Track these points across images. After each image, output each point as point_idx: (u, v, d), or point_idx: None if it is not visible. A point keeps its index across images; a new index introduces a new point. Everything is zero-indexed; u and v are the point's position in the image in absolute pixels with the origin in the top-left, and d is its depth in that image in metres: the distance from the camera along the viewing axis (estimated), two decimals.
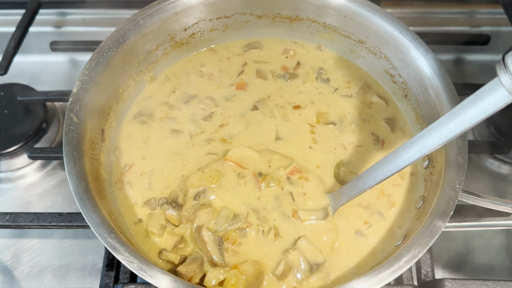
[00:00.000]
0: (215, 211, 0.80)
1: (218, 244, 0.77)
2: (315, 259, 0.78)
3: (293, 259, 0.77)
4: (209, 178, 0.83)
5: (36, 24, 1.27)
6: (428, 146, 0.65)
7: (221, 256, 0.76)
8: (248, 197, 0.83)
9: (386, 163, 0.72)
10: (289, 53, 1.07)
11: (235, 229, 0.79)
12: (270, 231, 0.79)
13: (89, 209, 0.72)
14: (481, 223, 0.79)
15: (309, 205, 0.83)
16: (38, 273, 0.96)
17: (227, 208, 0.81)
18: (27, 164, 1.10)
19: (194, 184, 0.83)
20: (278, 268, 0.77)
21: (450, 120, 0.62)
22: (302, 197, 0.84)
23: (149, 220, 0.84)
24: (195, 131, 0.94)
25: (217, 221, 0.79)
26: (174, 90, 1.01)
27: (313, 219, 0.81)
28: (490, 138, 1.11)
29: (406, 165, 0.69)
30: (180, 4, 0.97)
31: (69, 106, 0.82)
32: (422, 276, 0.88)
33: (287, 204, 0.83)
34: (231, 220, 0.80)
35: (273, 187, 0.84)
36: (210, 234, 0.77)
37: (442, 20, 1.39)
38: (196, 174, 0.84)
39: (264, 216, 0.81)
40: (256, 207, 0.82)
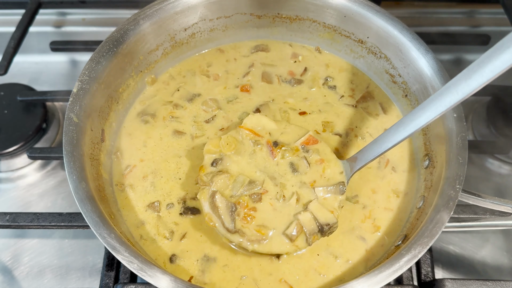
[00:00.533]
0: (231, 177, 0.81)
1: (230, 209, 0.78)
2: (326, 220, 0.78)
3: (304, 219, 0.77)
4: (226, 145, 0.83)
5: (36, 24, 1.27)
6: (447, 103, 0.65)
7: (232, 222, 0.77)
8: (265, 165, 0.83)
9: (404, 124, 0.72)
10: (297, 58, 1.07)
11: (250, 195, 0.79)
12: (293, 196, 0.80)
13: (89, 209, 0.72)
14: (481, 223, 0.79)
15: (326, 173, 0.83)
16: (38, 273, 0.96)
17: (243, 174, 0.81)
18: (27, 164, 1.10)
19: (211, 150, 0.84)
20: (289, 228, 0.77)
21: (469, 76, 0.62)
22: (318, 164, 0.84)
23: (159, 223, 0.84)
24: (196, 134, 0.94)
25: (233, 186, 0.80)
26: (178, 88, 1.01)
27: (330, 189, 0.81)
28: (490, 138, 1.11)
29: (424, 124, 0.69)
30: (180, 4, 0.97)
31: (69, 106, 0.82)
32: (422, 276, 0.88)
33: (303, 171, 0.83)
34: (246, 185, 0.80)
35: (288, 157, 0.83)
36: (223, 199, 0.78)
37: (442, 20, 1.39)
38: (213, 141, 0.84)
39: (282, 183, 0.81)
40: (273, 174, 0.82)
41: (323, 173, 0.83)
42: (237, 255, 0.81)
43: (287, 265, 0.80)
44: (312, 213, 0.78)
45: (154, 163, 0.91)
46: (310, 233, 0.77)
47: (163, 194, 0.87)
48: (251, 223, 0.78)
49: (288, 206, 0.79)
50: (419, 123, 0.70)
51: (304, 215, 0.78)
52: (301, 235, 0.77)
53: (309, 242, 0.77)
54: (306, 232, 0.77)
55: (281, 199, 0.80)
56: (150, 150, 0.92)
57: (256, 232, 0.77)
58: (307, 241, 0.77)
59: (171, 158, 0.91)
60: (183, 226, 0.84)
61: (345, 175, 0.83)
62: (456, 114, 0.82)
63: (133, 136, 0.95)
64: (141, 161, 0.91)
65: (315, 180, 0.82)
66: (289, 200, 0.80)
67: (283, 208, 0.79)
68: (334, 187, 0.81)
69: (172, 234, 0.83)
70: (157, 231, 0.83)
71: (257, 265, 0.80)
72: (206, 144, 0.84)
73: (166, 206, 0.86)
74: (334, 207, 0.80)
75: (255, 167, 0.83)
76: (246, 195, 0.79)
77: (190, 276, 0.79)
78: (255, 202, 0.79)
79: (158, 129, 0.95)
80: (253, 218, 0.78)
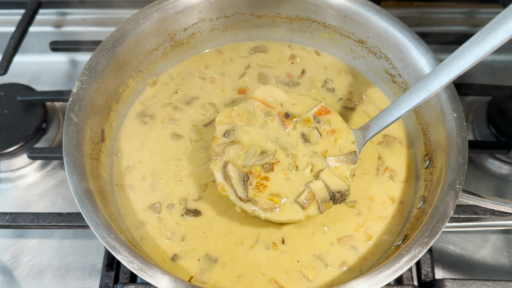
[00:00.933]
0: (243, 147, 0.81)
1: (242, 179, 0.78)
2: (338, 187, 0.78)
3: (316, 188, 0.78)
4: (238, 116, 0.84)
5: (36, 24, 1.27)
6: (460, 67, 0.65)
7: (244, 191, 0.78)
8: (276, 135, 0.83)
9: (417, 90, 0.72)
10: (295, 60, 1.07)
11: (262, 164, 0.80)
12: (307, 166, 0.80)
13: (89, 209, 0.72)
14: (481, 223, 0.79)
15: (338, 143, 0.83)
16: (38, 273, 0.95)
17: (255, 144, 0.82)
18: (27, 164, 1.09)
19: (223, 121, 0.84)
20: (301, 196, 0.78)
21: (482, 38, 0.62)
22: (330, 135, 0.84)
23: (159, 224, 0.84)
24: (195, 138, 0.94)
25: (245, 156, 0.81)
26: (176, 91, 1.01)
27: (342, 159, 0.81)
28: (490, 138, 1.11)
29: (438, 89, 0.69)
30: (180, 4, 0.97)
31: (69, 106, 0.82)
32: (422, 276, 0.88)
33: (314, 142, 0.83)
34: (258, 155, 0.81)
35: (299, 128, 0.84)
36: (235, 169, 0.79)
37: (442, 20, 1.39)
38: (225, 112, 0.85)
39: (293, 153, 0.82)
40: (284, 145, 0.83)
41: (335, 143, 0.83)
42: (238, 255, 0.81)
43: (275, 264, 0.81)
44: (324, 181, 0.79)
45: (153, 164, 0.91)
46: (322, 200, 0.78)
47: (163, 195, 0.87)
48: (263, 192, 0.78)
49: (300, 175, 0.80)
50: (433, 87, 0.70)
51: (316, 183, 0.78)
52: (312, 202, 0.78)
53: (321, 209, 0.78)
54: (318, 200, 0.78)
55: (293, 169, 0.80)
56: (148, 152, 0.92)
57: (269, 201, 0.78)
58: (319, 208, 0.78)
59: (170, 160, 0.91)
60: (184, 227, 0.84)
61: (357, 144, 0.83)
62: (456, 114, 0.82)
63: (132, 137, 0.95)
64: (139, 162, 0.91)
65: (326, 150, 0.83)
66: (303, 170, 0.80)
67: (295, 177, 0.80)
68: (345, 157, 0.81)
69: (173, 235, 0.83)
70: (158, 232, 0.83)
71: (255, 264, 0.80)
72: (218, 115, 0.85)
73: (167, 207, 0.86)
74: (346, 176, 0.80)
75: (266, 137, 0.83)
76: (258, 165, 0.80)
77: (190, 276, 0.79)
78: (267, 172, 0.80)
79: (156, 131, 0.95)
80: (265, 187, 0.79)
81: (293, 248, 0.82)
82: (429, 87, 0.71)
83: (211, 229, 0.83)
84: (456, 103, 0.83)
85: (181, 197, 0.87)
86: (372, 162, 0.92)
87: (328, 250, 0.82)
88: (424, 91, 0.72)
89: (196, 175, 0.89)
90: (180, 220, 0.84)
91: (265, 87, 0.88)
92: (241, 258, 0.81)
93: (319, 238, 0.83)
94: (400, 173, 0.91)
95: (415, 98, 0.73)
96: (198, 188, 0.88)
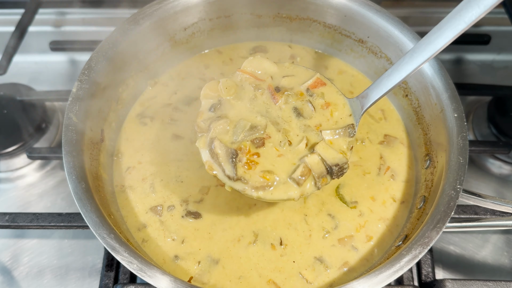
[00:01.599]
0: (231, 122, 0.75)
1: (231, 156, 0.72)
2: (335, 160, 0.73)
3: (312, 162, 0.73)
4: (225, 89, 0.78)
5: (36, 23, 1.26)
6: (467, 20, 0.60)
7: (233, 169, 0.72)
8: (266, 109, 0.78)
9: (419, 49, 0.66)
10: (295, 59, 1.06)
11: (252, 140, 0.75)
12: (302, 141, 0.75)
13: (88, 210, 0.72)
14: (482, 223, 0.79)
15: (334, 116, 0.79)
16: (37, 274, 0.95)
17: (244, 119, 0.76)
18: (27, 164, 1.09)
19: (208, 95, 0.79)
20: (296, 172, 0.72)
21: None
22: (324, 108, 0.79)
23: (160, 226, 0.84)
24: (195, 138, 0.93)
25: (234, 132, 0.75)
26: (176, 91, 1.00)
27: (338, 132, 0.77)
28: (490, 138, 1.11)
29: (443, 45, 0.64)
30: (180, 4, 0.97)
31: (69, 106, 0.82)
32: (422, 276, 0.88)
33: (308, 116, 0.78)
34: (248, 130, 0.75)
35: (292, 102, 0.78)
36: (223, 146, 0.73)
37: (442, 19, 1.38)
38: (210, 84, 0.79)
39: (285, 128, 0.76)
40: (276, 119, 0.77)
41: (331, 116, 0.78)
42: (239, 255, 0.81)
43: None
44: (320, 155, 0.73)
45: (153, 165, 0.90)
46: (318, 175, 0.72)
47: (163, 196, 0.87)
48: (254, 170, 0.73)
49: (294, 150, 0.75)
50: (437, 45, 0.63)
51: (311, 158, 0.73)
52: (308, 178, 0.73)
53: (318, 185, 0.73)
54: (314, 175, 0.72)
55: (285, 145, 0.75)
56: (148, 153, 0.92)
57: (261, 178, 0.72)
58: (316, 184, 0.73)
59: (171, 161, 0.91)
60: (185, 229, 0.84)
61: (354, 116, 0.78)
62: (456, 114, 0.82)
63: (132, 138, 0.94)
64: (139, 163, 0.91)
65: (321, 124, 0.77)
66: (297, 145, 0.75)
67: (288, 152, 0.74)
68: (342, 130, 0.76)
69: (174, 236, 0.83)
70: (159, 234, 0.83)
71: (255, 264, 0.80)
72: (203, 88, 0.79)
73: (167, 208, 0.85)
74: (343, 149, 0.75)
75: (256, 112, 0.77)
76: (247, 141, 0.74)
77: (190, 277, 0.79)
78: (257, 148, 0.74)
79: (156, 132, 0.95)
80: (256, 164, 0.73)
81: (292, 249, 0.82)
82: (433, 45, 0.64)
83: (211, 231, 0.83)
84: (457, 103, 0.83)
85: (182, 199, 0.87)
86: (374, 161, 0.92)
87: (328, 251, 0.82)
88: (428, 50, 0.65)
89: (197, 176, 0.89)
90: (181, 222, 0.84)
91: (254, 58, 0.81)
92: (241, 260, 0.80)
93: (319, 239, 0.83)
94: (401, 173, 0.91)
95: (418, 58, 0.67)
96: (200, 190, 0.87)
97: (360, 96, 0.78)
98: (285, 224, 0.84)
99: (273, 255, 0.81)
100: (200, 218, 0.85)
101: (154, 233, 0.83)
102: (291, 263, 0.80)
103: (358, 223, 0.85)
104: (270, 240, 0.82)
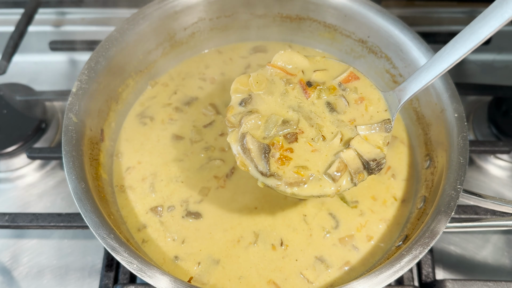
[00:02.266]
0: (263, 117, 0.74)
1: (263, 151, 0.71)
2: (372, 155, 0.71)
3: (348, 157, 0.71)
4: (256, 84, 0.76)
5: (35, 23, 1.26)
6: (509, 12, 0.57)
7: (266, 165, 0.70)
8: (298, 104, 0.76)
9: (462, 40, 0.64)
10: None
11: (284, 135, 0.73)
12: (337, 135, 0.73)
13: (88, 210, 0.72)
14: (482, 224, 0.79)
15: (369, 110, 0.77)
16: (37, 274, 0.95)
17: (276, 114, 0.75)
18: (26, 164, 1.09)
19: (238, 89, 0.77)
20: (331, 168, 0.71)
21: None
22: (358, 103, 0.77)
23: (160, 226, 0.83)
24: (195, 138, 0.93)
25: (265, 127, 0.73)
26: (176, 91, 1.00)
27: (374, 127, 0.74)
28: (491, 138, 1.11)
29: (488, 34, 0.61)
30: (180, 4, 0.97)
31: (68, 106, 0.82)
32: (423, 276, 0.88)
33: (342, 111, 0.76)
34: (280, 125, 0.73)
35: (324, 97, 0.77)
36: (255, 141, 0.71)
37: (442, 19, 1.38)
38: (241, 79, 0.77)
39: (318, 123, 0.74)
40: (308, 114, 0.75)
41: (366, 111, 0.76)
42: (239, 255, 0.81)
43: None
44: (356, 150, 0.71)
45: (153, 166, 0.90)
46: (355, 171, 0.71)
47: (163, 196, 0.87)
48: (288, 165, 0.71)
49: (328, 145, 0.73)
50: (482, 34, 0.61)
51: (347, 153, 0.71)
52: (344, 174, 0.71)
53: (355, 181, 0.71)
54: (350, 171, 0.71)
55: (319, 139, 0.73)
56: (148, 153, 0.92)
57: (295, 174, 0.70)
58: (352, 180, 0.71)
59: (171, 162, 0.91)
60: (185, 229, 0.84)
61: (390, 110, 0.76)
62: (457, 114, 0.82)
63: (132, 138, 0.94)
64: (139, 163, 0.91)
65: (355, 119, 0.75)
66: (331, 140, 0.73)
67: (322, 147, 0.73)
68: (379, 125, 0.74)
69: (174, 237, 0.83)
70: (159, 235, 0.83)
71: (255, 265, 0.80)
72: (234, 82, 0.77)
73: (168, 209, 0.85)
74: (379, 144, 0.73)
75: (287, 107, 0.75)
76: (280, 136, 0.72)
77: (190, 277, 0.79)
78: (290, 143, 0.72)
79: (156, 132, 0.95)
80: (289, 160, 0.71)
81: (292, 249, 0.82)
82: (476, 34, 0.61)
83: (212, 231, 0.83)
84: (457, 103, 0.83)
85: (182, 199, 0.87)
86: None
87: (329, 251, 0.82)
88: (471, 40, 0.62)
89: (198, 176, 0.89)
90: (181, 222, 0.84)
91: (285, 52, 0.79)
92: (241, 260, 0.80)
93: (320, 238, 0.83)
94: (402, 172, 0.91)
95: (460, 49, 0.64)
96: (200, 190, 0.87)
97: (397, 89, 0.76)
98: (285, 224, 0.84)
99: (273, 255, 0.81)
100: (201, 218, 0.84)
101: (154, 234, 0.83)
102: (292, 263, 0.80)
103: (359, 222, 0.85)
104: (270, 241, 0.82)
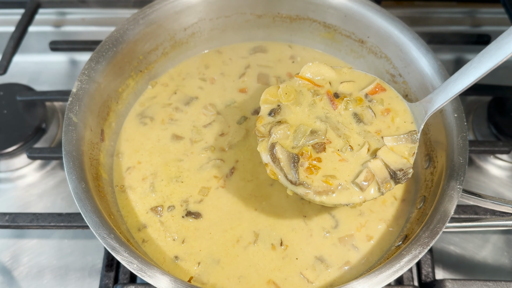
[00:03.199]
0: (291, 127, 0.77)
1: (292, 161, 0.73)
2: (399, 165, 0.73)
3: (375, 167, 0.73)
4: (285, 95, 0.79)
5: (36, 23, 1.26)
6: None
7: (295, 174, 0.72)
8: (326, 115, 0.78)
9: (489, 54, 0.65)
10: (296, 59, 1.06)
11: (313, 145, 0.75)
12: (364, 145, 0.75)
13: (88, 210, 0.72)
14: (482, 224, 0.79)
15: (395, 122, 0.79)
16: (37, 274, 0.95)
17: (304, 124, 0.77)
18: (27, 164, 1.09)
19: (268, 100, 0.80)
20: (359, 177, 0.73)
21: None
22: (385, 115, 0.79)
23: (161, 226, 0.84)
24: (195, 138, 0.94)
25: (294, 137, 0.76)
26: (176, 91, 1.00)
27: (400, 138, 0.76)
28: (490, 138, 1.11)
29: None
30: (180, 4, 0.97)
31: (69, 106, 0.82)
32: (422, 276, 0.88)
33: (368, 122, 0.78)
34: (308, 135, 0.75)
35: (351, 108, 0.79)
36: (284, 151, 0.74)
37: (442, 19, 1.38)
38: (270, 90, 0.80)
39: (345, 134, 0.77)
40: (336, 125, 0.77)
41: (392, 122, 0.78)
42: (239, 255, 0.81)
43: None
44: (383, 160, 0.74)
45: (153, 165, 0.90)
46: (382, 181, 0.73)
47: (163, 196, 0.87)
48: (316, 174, 0.73)
49: (356, 155, 0.75)
50: (508, 50, 0.61)
51: (375, 163, 0.73)
52: (372, 183, 0.73)
53: (382, 191, 0.73)
54: (378, 181, 0.73)
55: (347, 149, 0.75)
56: (148, 153, 0.92)
57: (323, 183, 0.73)
58: (380, 190, 0.73)
59: (171, 162, 0.91)
60: (185, 229, 0.84)
61: (416, 122, 0.78)
62: (456, 114, 0.82)
63: (132, 138, 0.94)
64: (139, 163, 0.91)
65: (381, 130, 0.78)
66: (359, 150, 0.75)
67: (350, 157, 0.75)
68: (405, 136, 0.76)
69: (174, 237, 0.83)
70: (159, 235, 0.83)
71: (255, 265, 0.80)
72: (263, 93, 0.80)
73: (168, 209, 0.85)
74: (405, 155, 0.75)
75: (315, 117, 0.78)
76: (308, 146, 0.75)
77: (190, 277, 0.79)
78: (318, 153, 0.75)
79: (156, 132, 0.95)
80: (318, 169, 0.74)
81: (292, 249, 0.82)
82: (503, 49, 0.62)
83: (212, 231, 0.83)
84: (457, 103, 0.83)
85: (182, 199, 0.87)
86: None
87: (329, 250, 0.82)
88: (497, 54, 0.63)
89: (198, 176, 0.89)
90: (181, 222, 0.84)
91: (313, 64, 0.82)
92: (240, 260, 0.80)
93: (320, 238, 0.83)
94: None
95: (486, 63, 0.65)
96: (200, 190, 0.87)
97: (424, 100, 0.77)
98: (285, 224, 0.84)
99: (273, 255, 0.81)
100: (201, 218, 0.85)
101: (154, 233, 0.83)
102: (292, 263, 0.80)
103: (359, 222, 0.85)
104: (270, 240, 0.82)
